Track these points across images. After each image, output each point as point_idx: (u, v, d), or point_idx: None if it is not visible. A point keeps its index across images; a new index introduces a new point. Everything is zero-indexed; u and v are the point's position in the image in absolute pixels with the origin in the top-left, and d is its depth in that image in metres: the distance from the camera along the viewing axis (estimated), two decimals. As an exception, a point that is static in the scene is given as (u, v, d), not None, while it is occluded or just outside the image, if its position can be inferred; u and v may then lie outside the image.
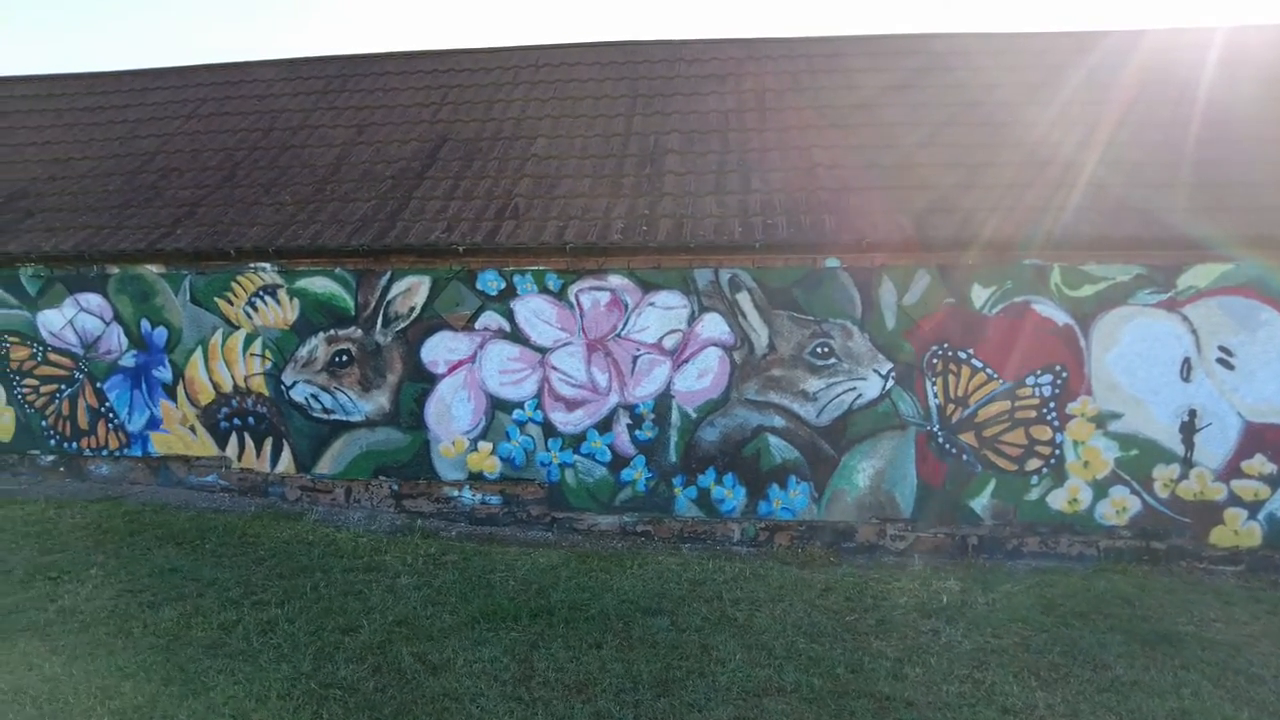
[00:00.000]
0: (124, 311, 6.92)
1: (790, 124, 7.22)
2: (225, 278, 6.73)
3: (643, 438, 6.28)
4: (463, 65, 8.94)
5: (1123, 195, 6.10)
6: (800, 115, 7.37)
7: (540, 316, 6.36)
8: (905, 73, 7.63)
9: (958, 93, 7.41)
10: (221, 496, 6.77)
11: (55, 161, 8.45)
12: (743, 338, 6.19)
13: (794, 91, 7.77)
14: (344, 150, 7.84)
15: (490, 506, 6.49)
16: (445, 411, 6.47)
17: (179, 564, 5.04)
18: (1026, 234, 5.84)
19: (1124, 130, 6.74)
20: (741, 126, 7.42)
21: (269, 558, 5.29)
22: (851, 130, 7.08)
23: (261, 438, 6.74)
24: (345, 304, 6.58)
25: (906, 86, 7.49)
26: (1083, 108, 7.08)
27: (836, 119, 7.26)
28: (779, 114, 7.48)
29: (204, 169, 7.88)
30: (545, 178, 7.05)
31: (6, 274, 7.09)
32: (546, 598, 4.82)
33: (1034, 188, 6.19)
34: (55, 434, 7.07)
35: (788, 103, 7.61)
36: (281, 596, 4.63)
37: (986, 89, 7.39)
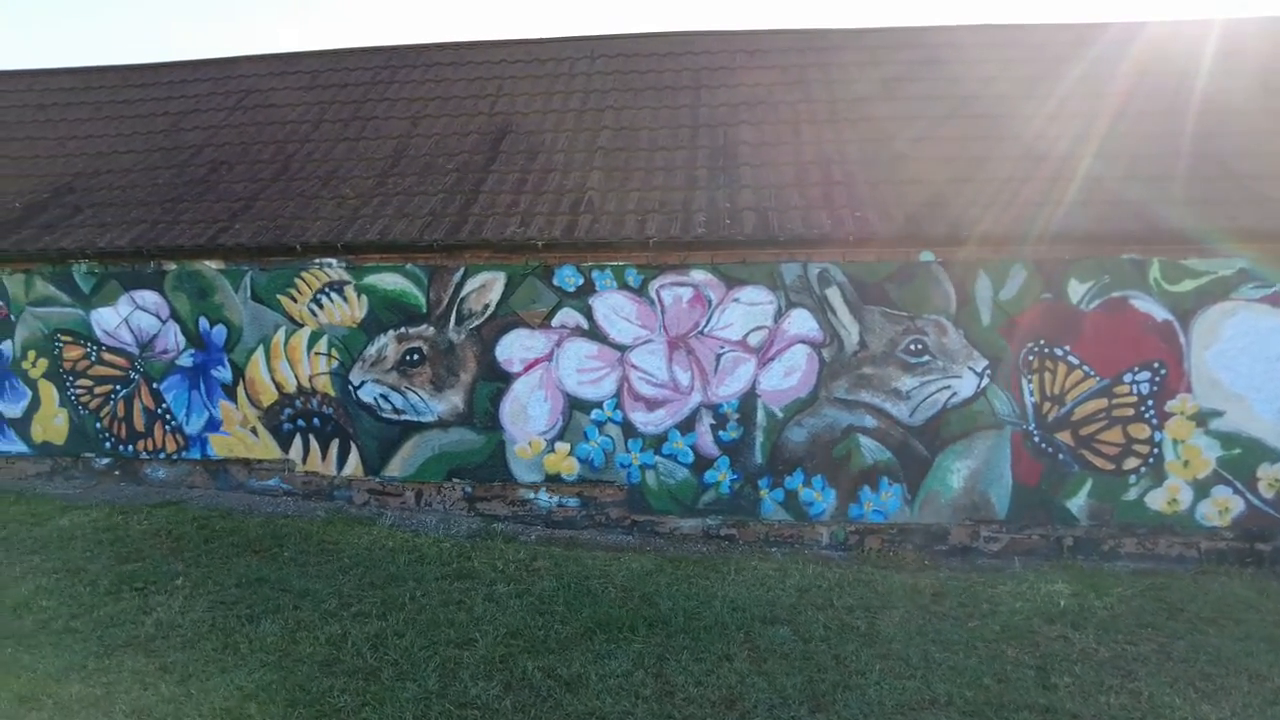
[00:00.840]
0: (181, 309, 6.68)
1: (867, 116, 7.02)
2: (289, 274, 6.49)
3: (727, 438, 6.07)
4: (515, 56, 8.71)
5: (1230, 188, 5.93)
6: (875, 106, 7.18)
7: (620, 313, 6.15)
8: (997, 64, 7.43)
9: (1030, 86, 7.22)
10: (285, 501, 6.53)
11: (99, 155, 8.19)
12: (832, 334, 5.99)
13: (863, 83, 7.58)
14: (401, 143, 7.61)
15: (567, 509, 6.28)
16: (521, 411, 6.26)
17: (264, 573, 4.81)
18: (1128, 227, 5.67)
19: (1224, 121, 6.56)
20: (813, 118, 7.23)
21: (354, 566, 5.07)
22: (939, 122, 6.86)
23: (327, 439, 6.50)
24: (416, 301, 6.35)
25: (995, 79, 7.28)
26: (1150, 99, 6.91)
27: (918, 110, 7.04)
28: (851, 105, 7.28)
29: (255, 162, 7.64)
30: (616, 171, 6.83)
31: (59, 271, 6.84)
32: (655, 606, 4.62)
33: (1138, 180, 6.01)
34: (110, 436, 6.82)
35: (859, 93, 7.42)
36: (381, 607, 4.41)
37: (1054, 82, 7.21)
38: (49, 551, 5.04)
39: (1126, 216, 5.75)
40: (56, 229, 7.00)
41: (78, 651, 3.72)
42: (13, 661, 3.59)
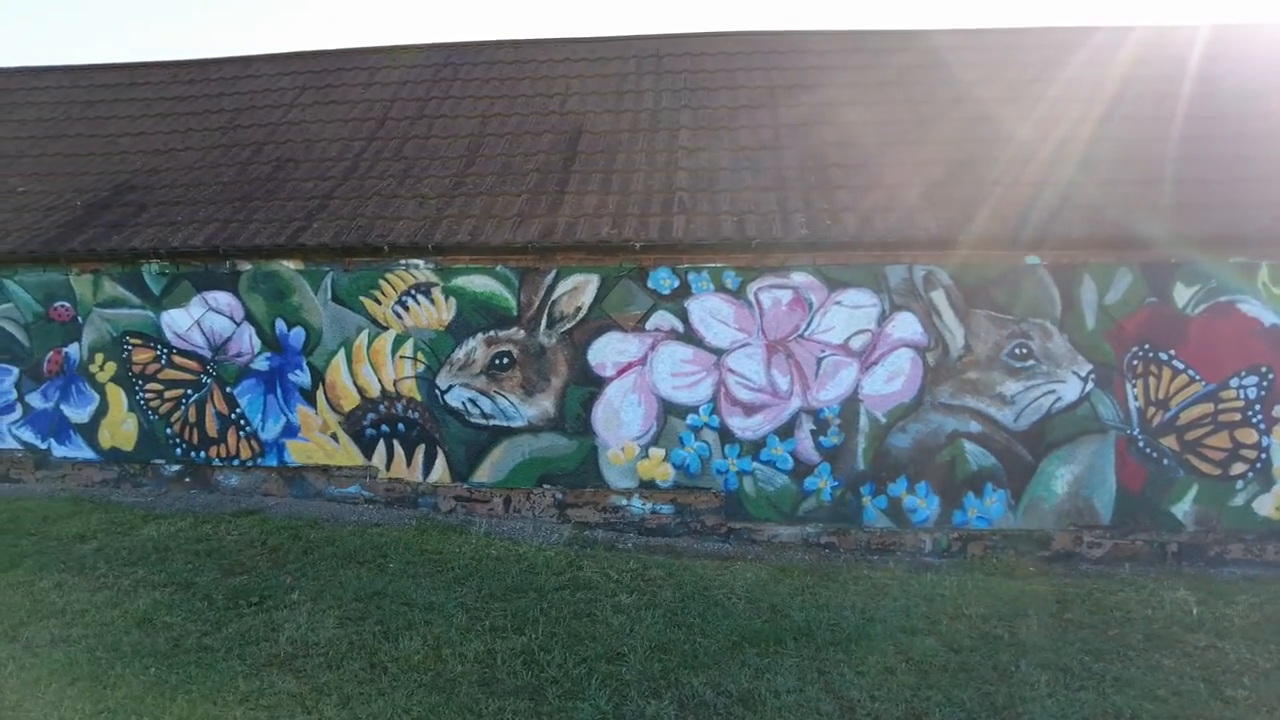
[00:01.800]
0: (257, 311, 6.47)
1: (955, 116, 6.94)
2: (373, 275, 6.30)
3: (828, 444, 5.96)
4: (579, 54, 8.56)
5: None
6: (961, 107, 7.10)
7: (716, 316, 6.01)
8: (1077, 66, 7.38)
9: (1122, 87, 7.16)
10: (367, 509, 6.33)
11: (156, 153, 7.97)
12: (937, 338, 5.89)
13: (944, 84, 7.50)
14: (473, 142, 7.44)
15: (661, 516, 6.13)
16: (614, 416, 6.10)
17: (378, 585, 4.62)
18: (1242, 230, 5.62)
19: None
20: (895, 119, 7.14)
21: (466, 577, 4.89)
22: (1041, 124, 6.76)
23: (413, 445, 6.32)
24: (506, 303, 6.18)
25: (1077, 81, 7.22)
26: (1246, 102, 6.88)
27: (1021, 112, 6.94)
28: (935, 106, 7.19)
29: (322, 160, 7.44)
30: (701, 171, 6.71)
31: (128, 271, 6.61)
32: (788, 617, 4.49)
33: (1250, 183, 5.96)
34: (181, 442, 6.60)
35: (940, 94, 7.34)
36: (513, 621, 4.24)
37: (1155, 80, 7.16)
38: (149, 563, 4.82)
39: (1236, 220, 5.70)
40: (124, 228, 6.77)
41: (222, 671, 3.53)
42: (161, 683, 3.39)
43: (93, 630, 3.86)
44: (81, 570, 4.67)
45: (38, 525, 5.52)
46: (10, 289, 6.77)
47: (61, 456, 6.76)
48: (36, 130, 8.55)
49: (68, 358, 6.70)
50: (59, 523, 5.60)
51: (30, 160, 8.11)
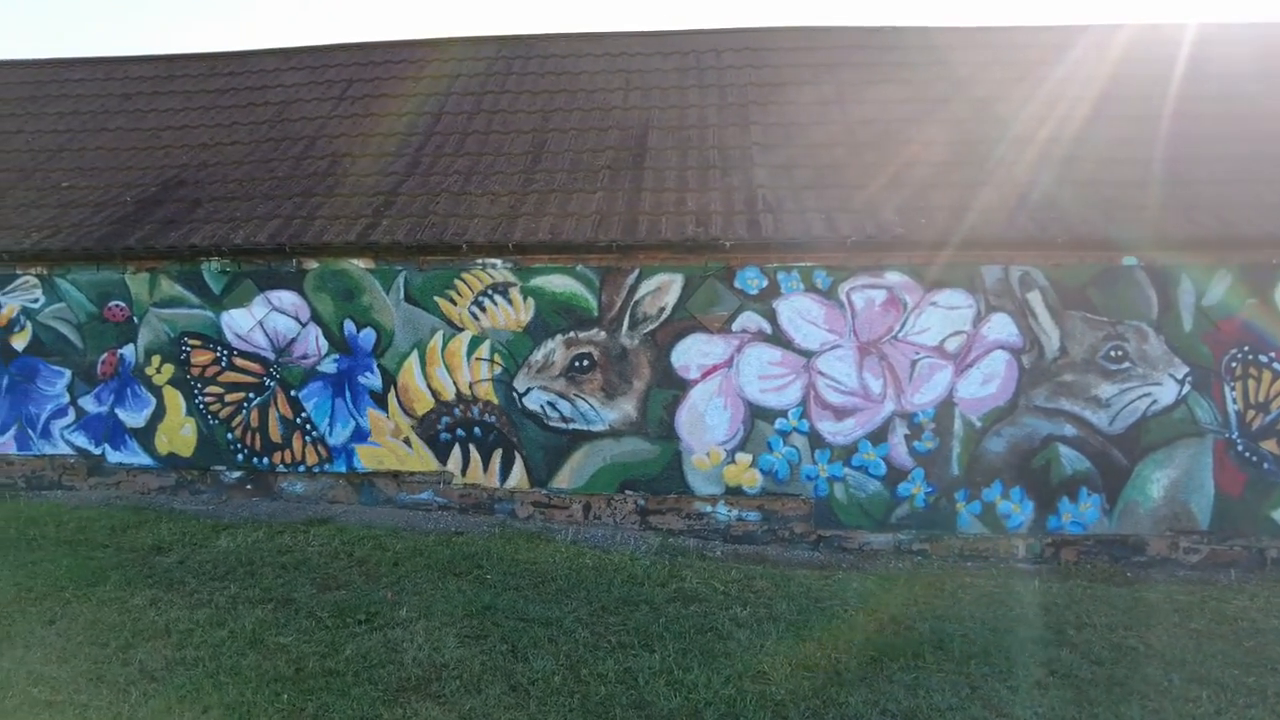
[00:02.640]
0: (324, 311, 6.23)
1: (1045, 115, 6.79)
2: (448, 274, 6.08)
3: (922, 449, 5.81)
4: (634, 49, 8.37)
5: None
6: (1046, 108, 6.96)
7: (806, 317, 5.85)
8: (1138, 63, 7.28)
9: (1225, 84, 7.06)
10: (441, 515, 6.12)
11: (202, 147, 7.69)
12: (1032, 340, 5.76)
13: (1018, 82, 7.36)
14: (536, 138, 7.23)
15: (747, 523, 5.96)
16: (699, 420, 5.92)
17: (484, 600, 4.40)
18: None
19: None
20: (985, 115, 6.94)
21: (571, 589, 4.69)
22: (1128, 122, 6.65)
23: (489, 450, 6.10)
24: (587, 304, 5.98)
25: (1166, 79, 7.11)
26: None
27: (1112, 111, 6.81)
28: (1009, 104, 7.05)
29: (381, 155, 7.20)
30: (779, 168, 6.54)
31: (187, 269, 6.35)
32: (914, 629, 4.32)
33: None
34: (243, 448, 6.34)
35: (1015, 93, 7.21)
36: (638, 638, 4.04)
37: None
38: (238, 577, 4.59)
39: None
40: (180, 224, 6.51)
41: (357, 698, 3.31)
42: (299, 711, 3.18)
43: (206, 652, 3.63)
44: (170, 585, 4.42)
45: (108, 536, 5.27)
46: (63, 288, 6.49)
47: (116, 462, 6.49)
48: (74, 124, 8.25)
49: (123, 359, 6.43)
50: (129, 533, 5.34)
51: (71, 155, 7.81)
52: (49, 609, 4.04)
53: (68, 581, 4.37)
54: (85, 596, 4.20)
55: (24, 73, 9.08)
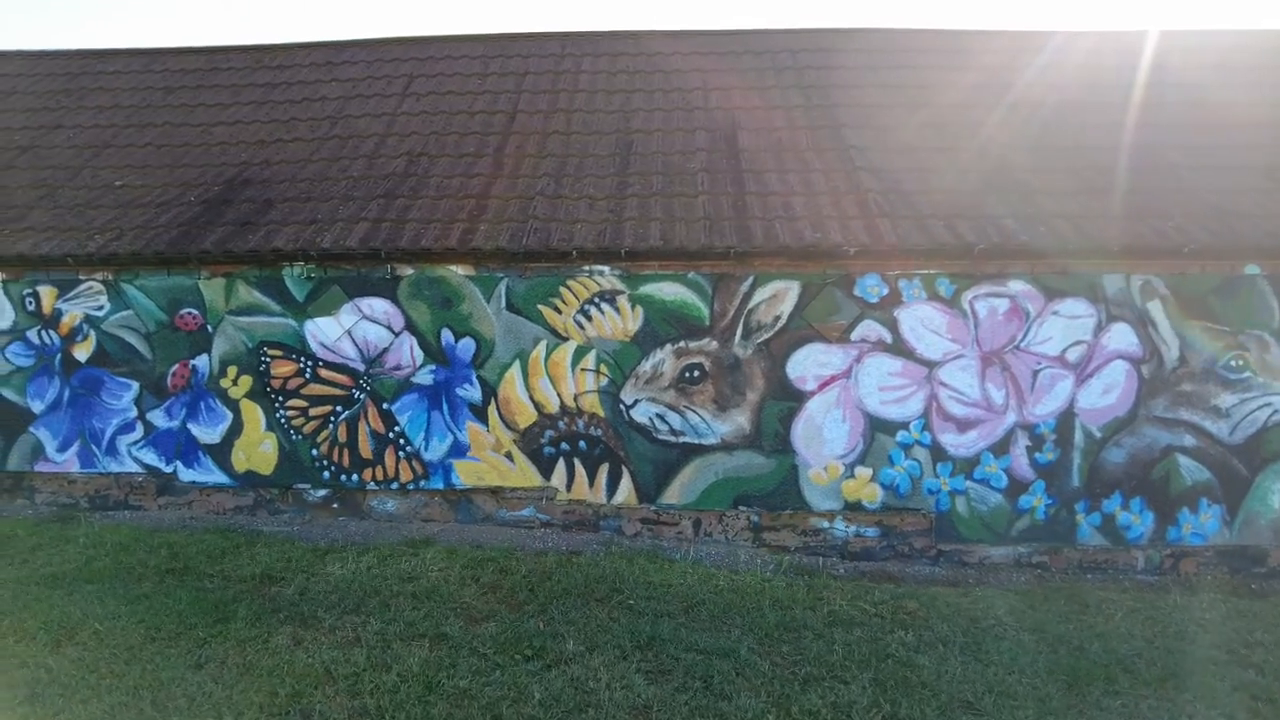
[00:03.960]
0: (419, 319, 5.90)
1: (1144, 121, 6.72)
2: (553, 282, 5.80)
3: (1043, 460, 5.70)
4: (706, 48, 8.15)
5: None
6: (1157, 113, 6.89)
7: (928, 326, 5.70)
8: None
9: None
10: (545, 533, 5.84)
11: (259, 144, 7.28)
12: (1152, 350, 5.68)
13: (1103, 87, 7.31)
14: (621, 139, 6.97)
15: (866, 539, 5.79)
16: (816, 433, 5.74)
17: (644, 629, 4.13)
18: None
19: None
20: (1098, 122, 6.81)
21: (723, 615, 4.46)
22: (1246, 129, 6.61)
23: (595, 465, 5.84)
24: (699, 312, 5.75)
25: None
26: None
27: (1226, 118, 6.78)
28: (1148, 111, 6.90)
29: (460, 155, 6.87)
30: (884, 171, 6.37)
31: (266, 274, 5.96)
32: (1086, 651, 4.19)
33: None
34: (330, 465, 5.98)
35: (1114, 98, 7.15)
36: (822, 668, 3.83)
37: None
38: (372, 609, 4.26)
39: None
40: (256, 226, 6.12)
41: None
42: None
43: (385, 700, 3.32)
44: (305, 621, 4.09)
45: (207, 563, 4.89)
46: (130, 294, 6.06)
47: (189, 481, 6.08)
48: (116, 118, 7.75)
49: (195, 371, 6.02)
50: (227, 560, 4.97)
51: (117, 151, 7.33)
52: (188, 651, 3.69)
53: (194, 618, 4.02)
54: (220, 635, 3.85)
55: (56, 64, 8.54)
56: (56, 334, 6.11)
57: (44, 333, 6.12)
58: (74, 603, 4.16)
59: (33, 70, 8.50)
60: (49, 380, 6.12)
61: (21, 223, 6.40)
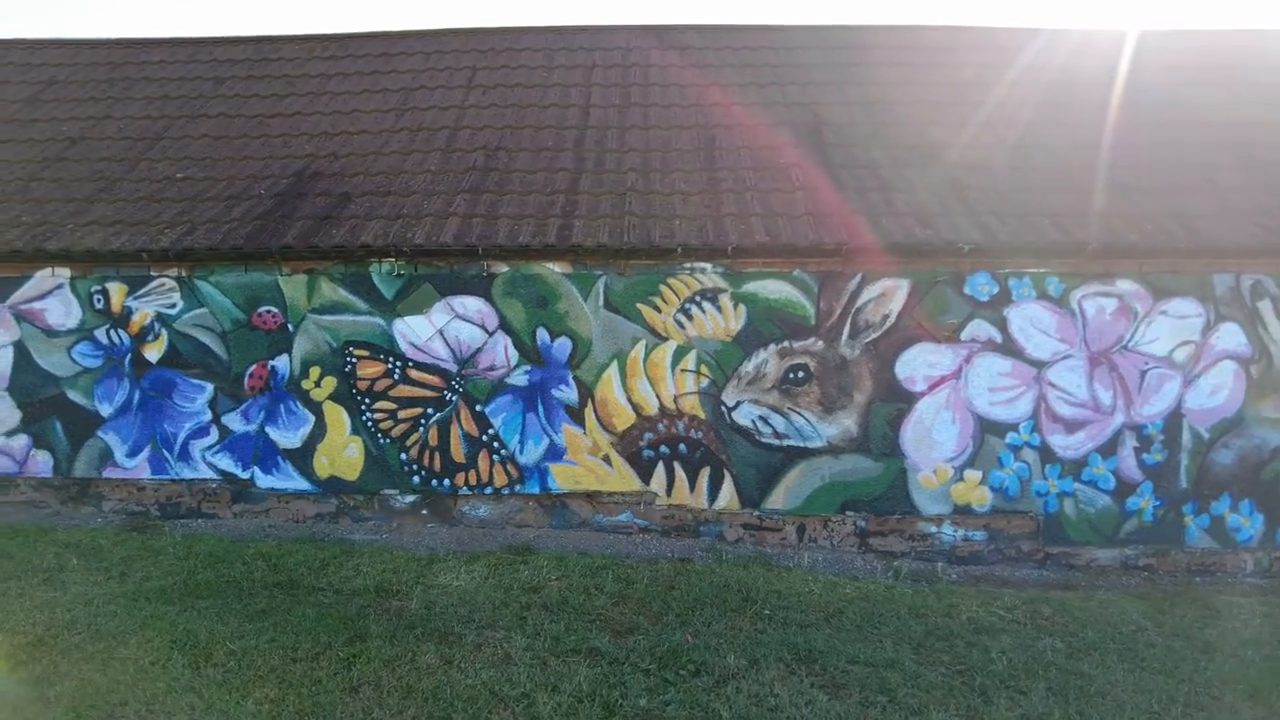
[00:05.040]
0: (514, 319, 5.68)
1: (1239, 120, 6.69)
2: (653, 280, 5.61)
3: (1150, 461, 5.62)
4: (775, 43, 8.00)
5: None
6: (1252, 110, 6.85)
7: (1037, 325, 5.59)
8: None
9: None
10: (644, 539, 5.64)
11: (323, 136, 7.00)
12: (1262, 350, 5.63)
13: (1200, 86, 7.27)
14: (701, 133, 6.79)
15: (973, 543, 5.67)
16: (925, 436, 5.61)
17: (796, 640, 3.95)
18: None
19: None
20: (1189, 120, 6.76)
21: (866, 624, 4.29)
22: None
23: (696, 468, 5.66)
24: (804, 311, 5.60)
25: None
26: None
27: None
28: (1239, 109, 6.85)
29: (539, 149, 6.66)
30: (979, 169, 6.26)
31: (352, 271, 5.71)
32: (1240, 657, 4.10)
33: None
34: (420, 469, 5.74)
35: (1195, 97, 7.11)
36: (994, 679, 3.67)
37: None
38: (508, 623, 4.03)
39: None
40: (338, 220, 5.86)
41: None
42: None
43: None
44: (444, 638, 3.86)
45: (312, 575, 4.63)
46: (204, 292, 5.77)
47: (266, 488, 5.80)
48: (166, 109, 7.43)
49: (274, 372, 5.75)
50: (330, 571, 4.72)
51: (172, 143, 7.02)
52: (335, 672, 3.45)
53: (326, 636, 3.77)
54: (361, 655, 3.62)
55: (97, 53, 8.19)
56: (126, 333, 5.81)
57: (113, 332, 5.81)
58: (194, 620, 3.90)
59: (73, 60, 8.13)
60: (118, 382, 5.82)
61: (84, 216, 6.08)
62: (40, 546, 4.92)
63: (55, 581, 4.37)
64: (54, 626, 3.75)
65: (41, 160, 6.81)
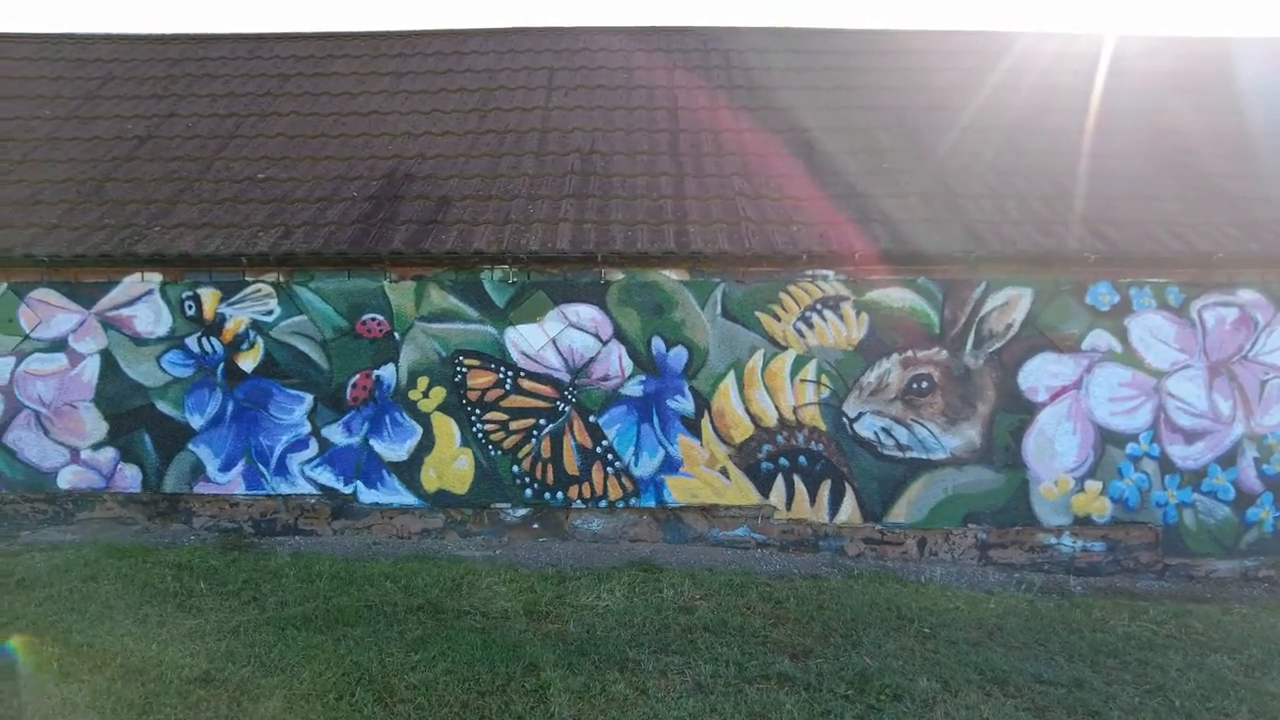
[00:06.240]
0: (629, 327, 5.51)
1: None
2: (773, 287, 5.48)
3: (1271, 472, 5.60)
4: (865, 46, 7.91)
5: None
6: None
7: (1157, 335, 5.56)
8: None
9: None
10: (763, 554, 5.50)
11: (406, 136, 6.77)
12: (1377, 359, 5.66)
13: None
14: (797, 135, 6.67)
15: (1092, 554, 5.61)
16: (1047, 446, 5.54)
17: (976, 659, 3.86)
18: None
19: None
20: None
21: (1030, 642, 4.18)
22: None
23: (817, 481, 5.53)
24: (928, 320, 5.50)
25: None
26: None
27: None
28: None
29: (634, 152, 6.50)
30: (1097, 176, 6.18)
31: (462, 278, 5.50)
32: None
33: None
34: (533, 482, 5.54)
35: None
36: (1188, 699, 3.60)
37: None
38: (680, 648, 3.87)
39: None
40: (445, 225, 5.65)
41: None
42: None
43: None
44: (622, 665, 3.66)
45: (448, 598, 4.41)
46: (304, 298, 5.52)
47: (370, 503, 5.57)
48: (235, 107, 7.15)
49: (379, 382, 5.52)
50: (465, 593, 4.50)
51: (244, 142, 6.74)
52: (532, 706, 3.26)
53: (499, 666, 3.57)
54: (548, 685, 3.42)
55: (154, 49, 7.88)
56: (219, 341, 5.55)
57: (205, 340, 5.55)
58: (354, 650, 3.68)
59: (129, 55, 7.80)
60: (210, 392, 5.55)
61: (169, 218, 5.80)
62: (151, 567, 4.65)
63: (189, 607, 4.12)
64: (215, 659, 3.52)
65: (111, 159, 6.51)
